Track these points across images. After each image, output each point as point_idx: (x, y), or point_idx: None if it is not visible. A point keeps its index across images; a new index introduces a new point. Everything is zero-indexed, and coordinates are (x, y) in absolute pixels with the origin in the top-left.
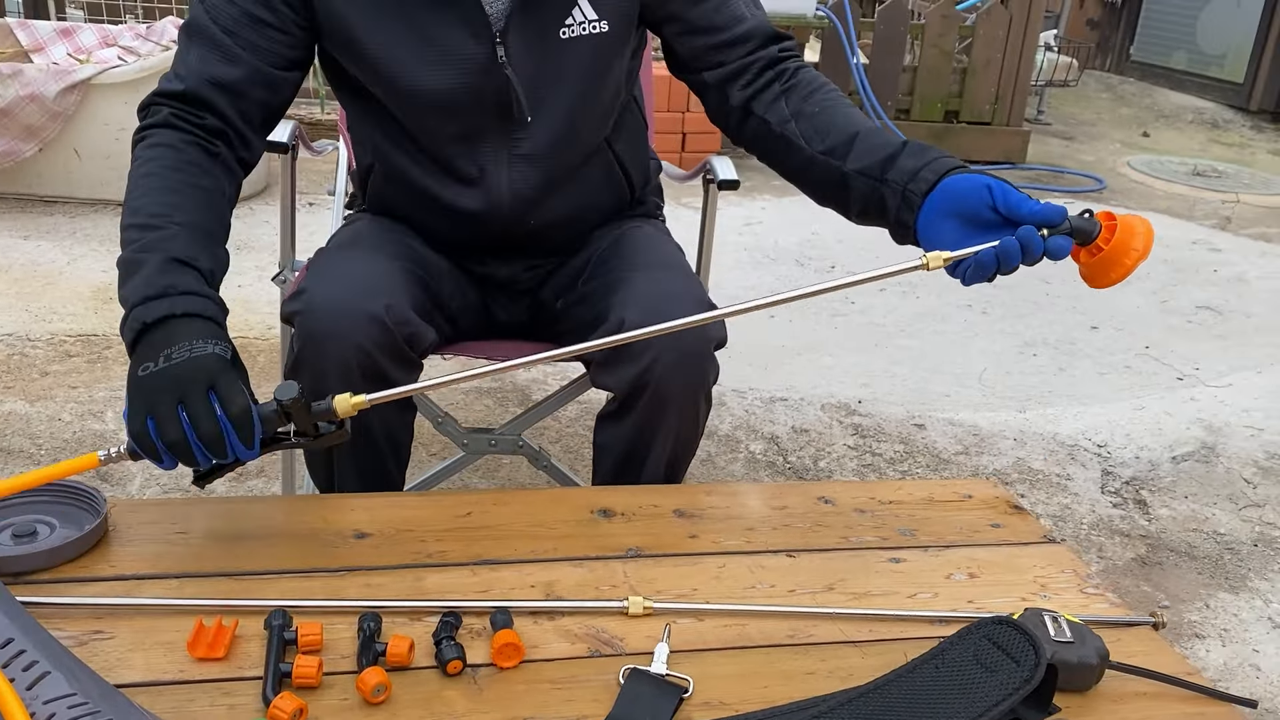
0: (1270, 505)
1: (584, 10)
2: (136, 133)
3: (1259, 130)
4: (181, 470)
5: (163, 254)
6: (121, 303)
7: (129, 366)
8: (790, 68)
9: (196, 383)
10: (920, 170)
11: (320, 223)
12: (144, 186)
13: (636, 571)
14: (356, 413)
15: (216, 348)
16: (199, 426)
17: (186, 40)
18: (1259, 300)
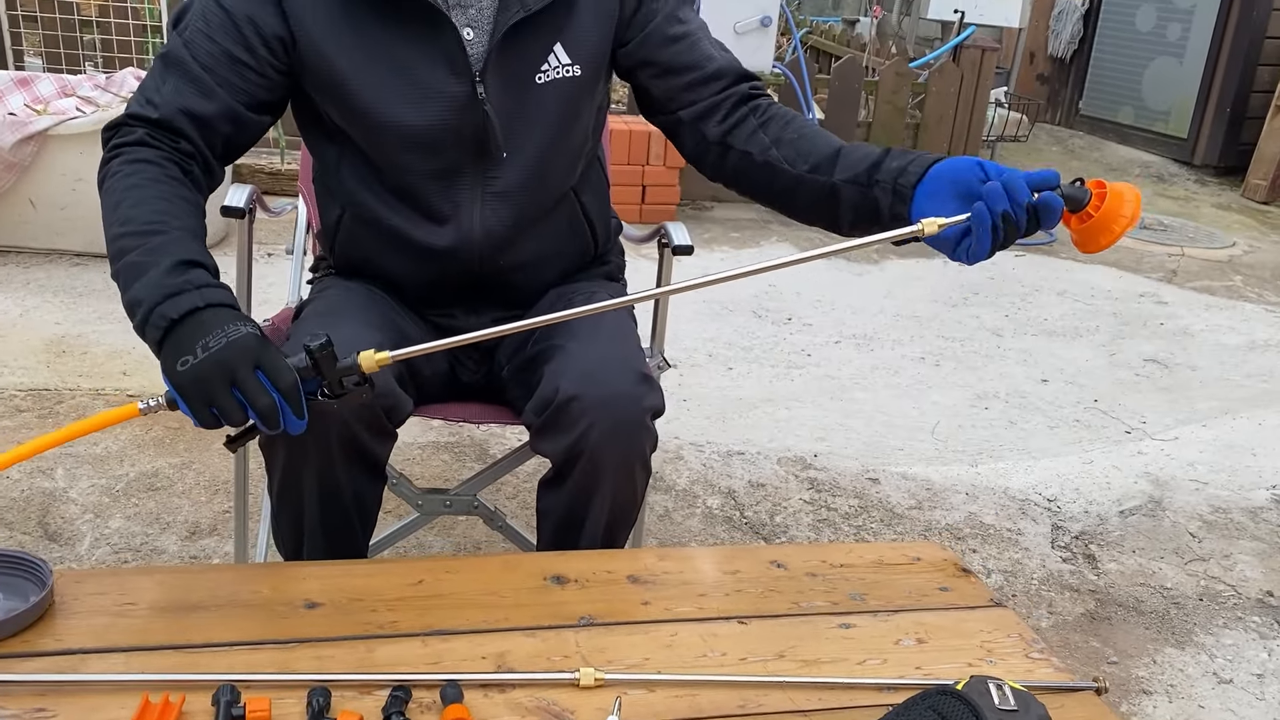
0: (1215, 559)
1: (559, 55)
2: (109, 148)
3: (1203, 184)
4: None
5: (171, 256)
6: (130, 306)
7: (161, 364)
8: (763, 103)
9: (244, 364)
10: (907, 166)
11: (279, 274)
12: (133, 197)
13: (589, 641)
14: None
15: (249, 328)
16: (256, 403)
17: (163, 70)
18: (1203, 353)
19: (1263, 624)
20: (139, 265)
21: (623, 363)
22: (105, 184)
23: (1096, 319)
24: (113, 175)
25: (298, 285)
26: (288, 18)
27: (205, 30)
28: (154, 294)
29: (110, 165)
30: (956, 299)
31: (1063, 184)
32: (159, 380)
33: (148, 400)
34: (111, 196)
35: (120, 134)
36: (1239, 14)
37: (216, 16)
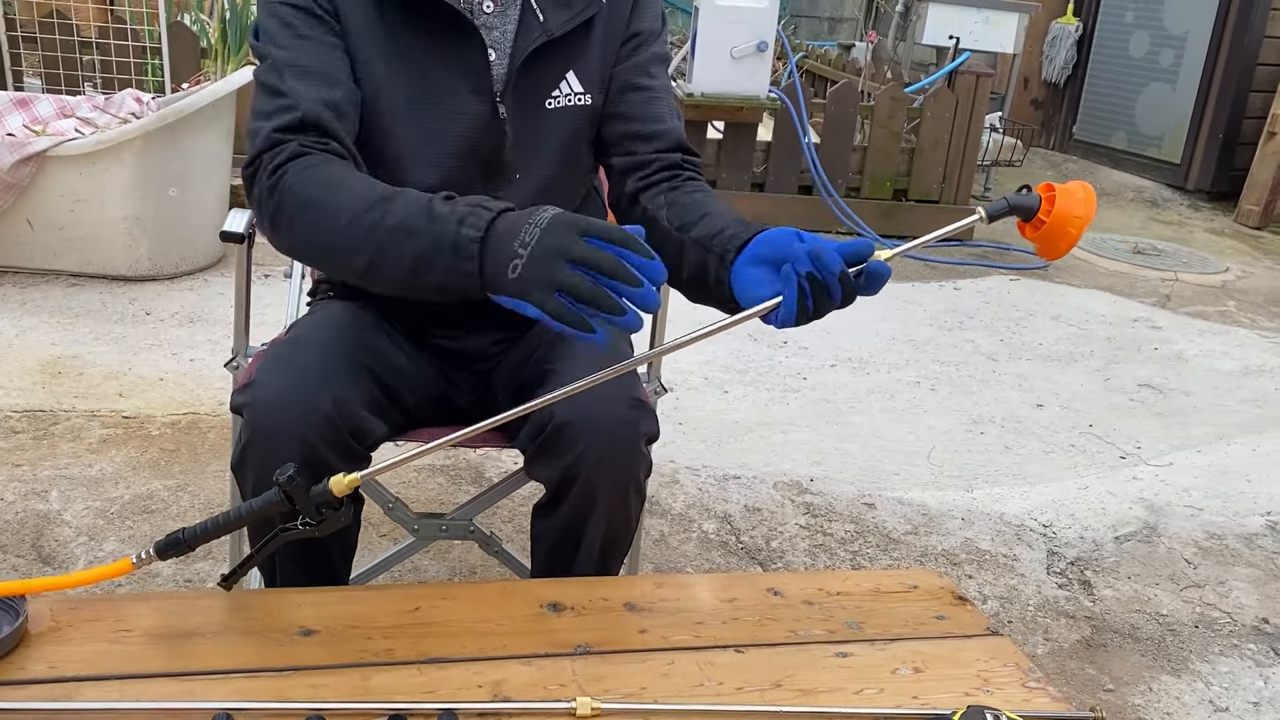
0: (1210, 586)
1: (571, 83)
2: (270, 172)
3: (1196, 209)
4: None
5: (426, 200)
6: (427, 256)
7: (490, 287)
8: (685, 175)
9: (569, 236)
10: (739, 233)
11: (276, 295)
12: (344, 185)
13: (585, 669)
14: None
15: (549, 209)
16: (602, 266)
17: (278, 77)
18: (1197, 379)
19: (1259, 652)
20: (404, 225)
21: (617, 388)
22: (291, 202)
23: (1091, 344)
24: (294, 189)
25: (295, 308)
26: (338, 8)
27: (294, 31)
28: (446, 228)
29: (284, 182)
30: (952, 323)
31: (1009, 195)
32: (155, 402)
33: (139, 554)
34: (315, 204)
35: (273, 158)
36: (1231, 40)
37: (293, 15)
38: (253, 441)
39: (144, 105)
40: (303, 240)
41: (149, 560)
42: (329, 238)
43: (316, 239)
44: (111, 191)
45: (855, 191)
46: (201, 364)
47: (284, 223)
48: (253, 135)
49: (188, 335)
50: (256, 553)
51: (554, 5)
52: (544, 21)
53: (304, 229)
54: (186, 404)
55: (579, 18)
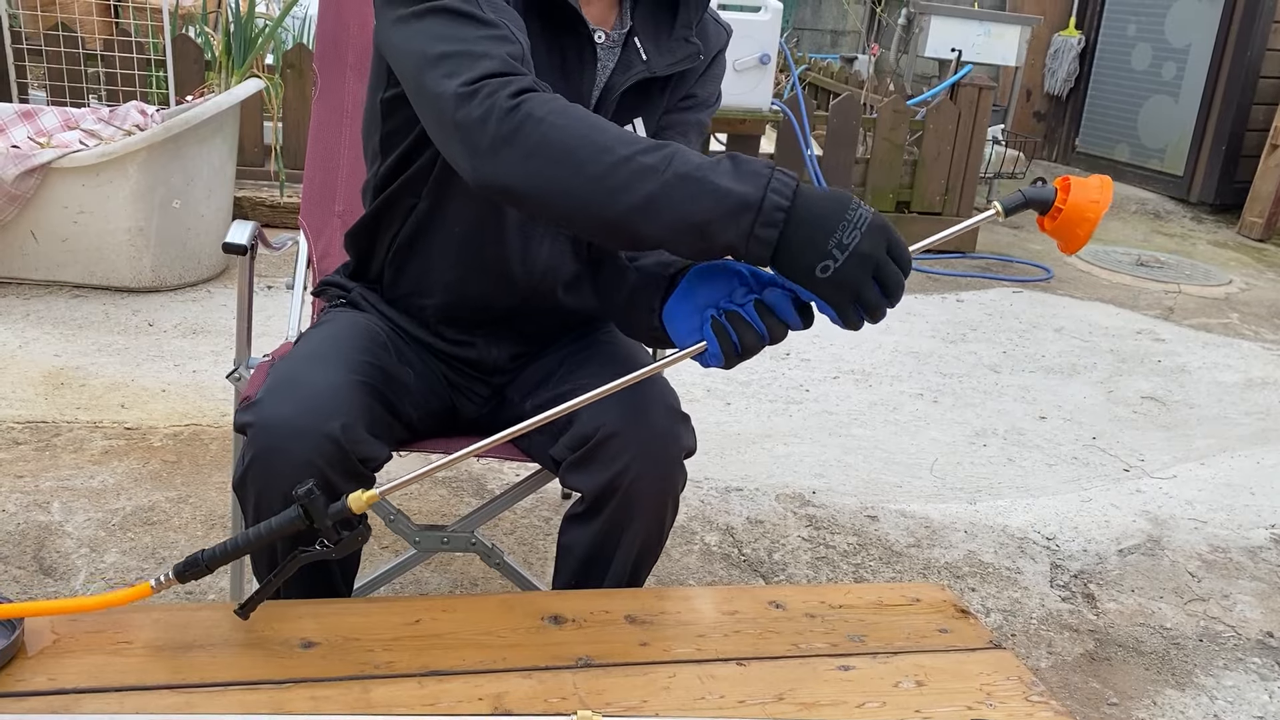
0: (1214, 599)
1: (637, 128)
2: (511, 94)
3: (1199, 221)
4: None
5: (707, 157)
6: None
7: (788, 268)
8: None
9: (881, 253)
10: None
11: (278, 306)
12: (600, 127)
13: (586, 682)
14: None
15: (858, 203)
16: (894, 292)
17: (477, 5)
18: (1201, 391)
19: (1263, 665)
20: (695, 176)
21: (662, 401)
22: (535, 130)
23: (1094, 356)
24: (543, 120)
25: (297, 320)
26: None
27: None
28: (753, 191)
29: (525, 109)
30: (955, 335)
31: (1024, 189)
32: (157, 414)
33: (158, 578)
34: (568, 134)
35: (510, 82)
36: (1233, 53)
37: None
38: (256, 462)
39: (148, 117)
40: (543, 173)
41: (168, 584)
42: (589, 171)
43: (566, 172)
44: (115, 203)
45: None
46: (204, 375)
47: (519, 150)
48: (469, 56)
49: (190, 346)
50: (275, 576)
51: (659, 50)
52: (647, 61)
53: (553, 161)
54: (189, 415)
55: (681, 65)
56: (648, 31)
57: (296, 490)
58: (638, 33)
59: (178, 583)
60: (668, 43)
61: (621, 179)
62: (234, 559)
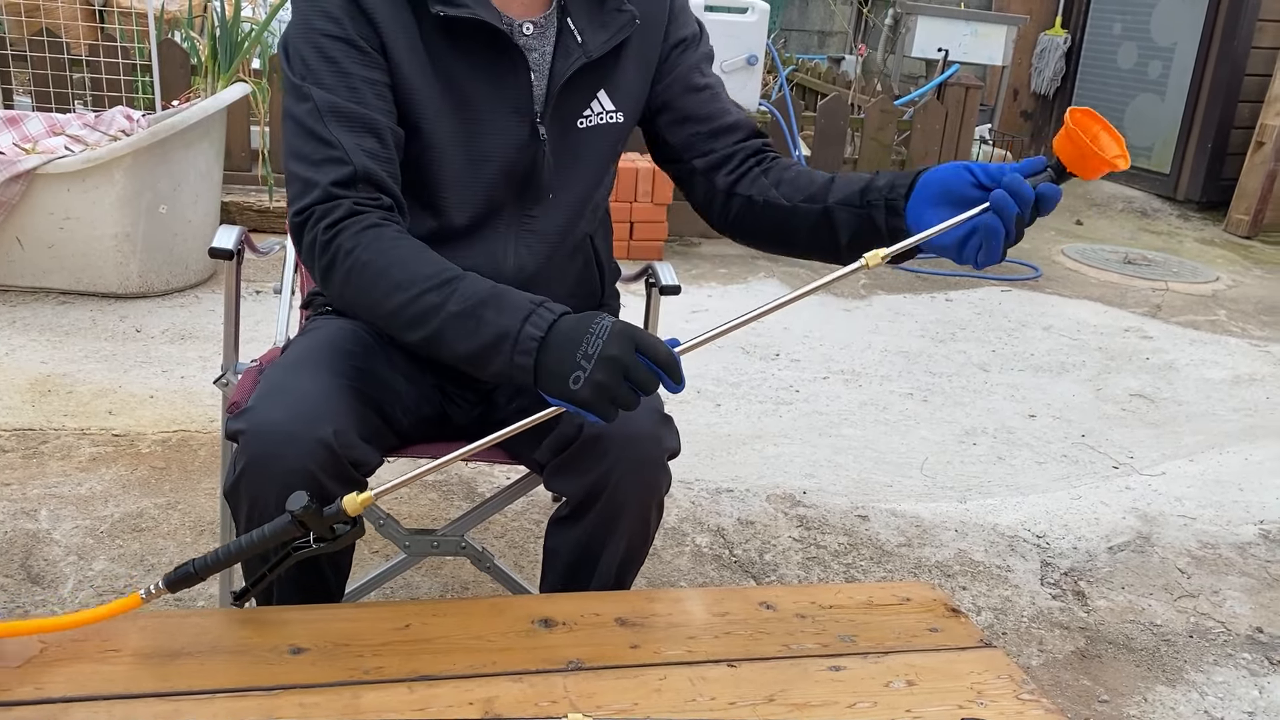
0: (1204, 595)
1: (602, 102)
2: (327, 229)
3: (1185, 219)
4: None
5: (487, 289)
6: (489, 347)
7: (544, 386)
8: (769, 155)
9: (629, 355)
10: (894, 181)
11: (267, 311)
12: (399, 260)
13: (577, 685)
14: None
15: (605, 318)
16: (647, 387)
17: (320, 123)
18: (1189, 388)
19: (1253, 661)
20: (466, 312)
21: (646, 403)
22: (345, 262)
23: (1082, 354)
24: (351, 252)
25: (285, 324)
26: (381, 33)
27: (333, 67)
28: (512, 323)
29: (337, 244)
30: (944, 335)
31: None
32: (145, 420)
33: (148, 588)
34: (369, 270)
35: (328, 212)
36: (1218, 51)
37: (334, 47)
38: (249, 469)
39: (134, 122)
40: (355, 302)
41: (159, 594)
42: (386, 306)
43: (371, 306)
44: (101, 209)
45: None
46: (192, 381)
47: (337, 281)
48: (302, 183)
49: (178, 352)
50: (270, 570)
51: (592, 26)
52: (583, 43)
53: (359, 293)
54: (177, 421)
55: (617, 38)
56: (580, 7)
57: (291, 505)
58: (570, 11)
59: (168, 592)
60: (601, 16)
61: (410, 315)
62: (226, 566)
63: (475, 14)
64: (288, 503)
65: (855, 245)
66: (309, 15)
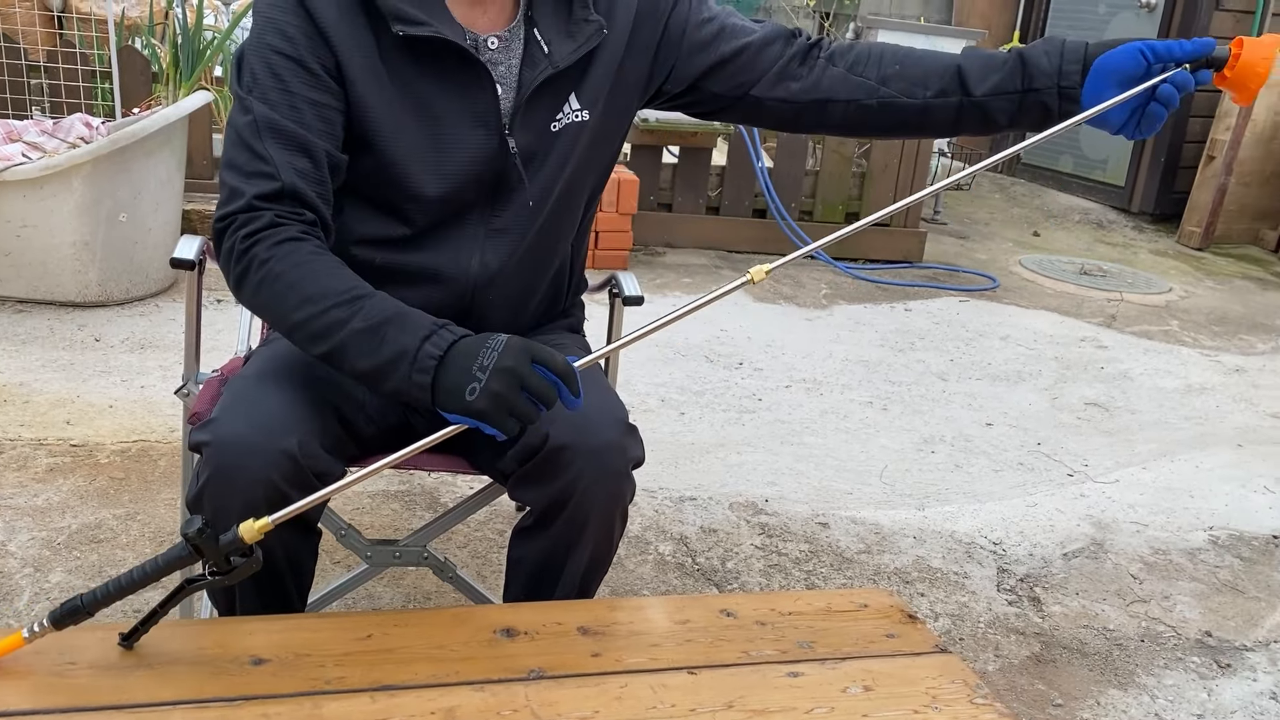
0: (1155, 600)
1: (571, 103)
2: (245, 239)
3: (1140, 230)
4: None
5: (393, 308)
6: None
7: (442, 403)
8: (825, 46)
9: (525, 365)
10: (1062, 66)
11: (228, 320)
12: (309, 274)
13: (538, 694)
14: (263, 536)
15: (503, 334)
16: (545, 398)
17: (257, 136)
18: (1143, 397)
19: (1202, 664)
20: (369, 329)
21: (610, 413)
22: (258, 271)
23: (1039, 363)
24: (266, 262)
25: (247, 334)
26: (336, 53)
27: (279, 84)
28: (412, 341)
29: (253, 253)
30: (903, 344)
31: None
32: (104, 430)
33: (31, 627)
34: (281, 281)
35: (248, 221)
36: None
37: (284, 65)
38: (213, 480)
39: (94, 130)
40: (263, 310)
41: (43, 633)
42: (293, 318)
43: (279, 317)
44: (60, 217)
45: (808, 215)
46: (152, 390)
47: (248, 289)
48: (229, 190)
49: (138, 362)
50: (161, 607)
51: (559, 37)
52: (549, 54)
53: (268, 302)
54: (137, 431)
55: (584, 48)
56: (548, 18)
57: (184, 529)
58: (538, 22)
59: (54, 630)
60: (568, 25)
61: (315, 329)
62: (117, 599)
63: (438, 32)
64: (181, 526)
65: (1016, 124)
66: (265, 30)
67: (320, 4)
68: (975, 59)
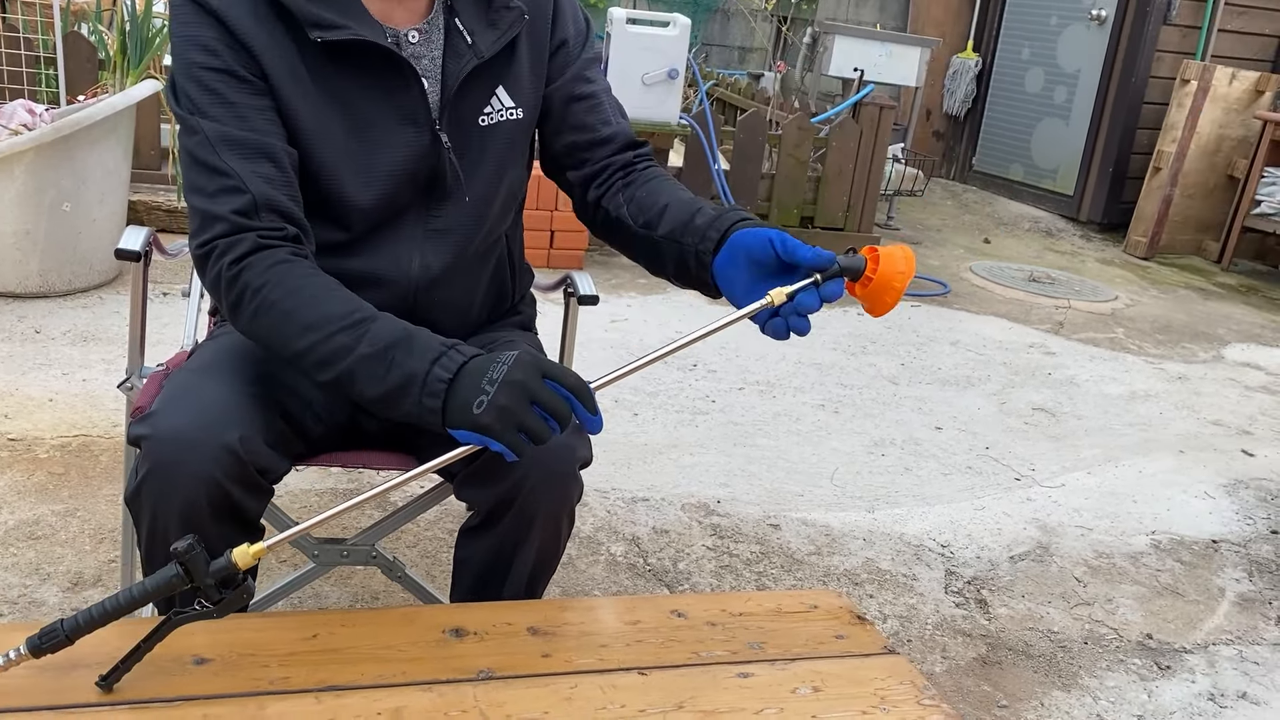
0: (1099, 603)
1: (501, 99)
2: (231, 265)
3: (1088, 239)
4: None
5: (400, 331)
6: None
7: (451, 421)
8: (639, 168)
9: (535, 378)
10: (707, 230)
11: (174, 314)
12: (305, 299)
13: (487, 695)
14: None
15: (513, 349)
16: (558, 413)
17: (213, 154)
18: (1089, 402)
19: (1143, 666)
20: (377, 355)
21: None
22: (252, 301)
23: (988, 368)
24: (259, 290)
25: (194, 328)
26: (258, 59)
27: (217, 99)
28: (421, 365)
29: (244, 280)
30: (855, 348)
31: (839, 257)
32: (43, 424)
33: (8, 653)
34: (277, 310)
35: (231, 247)
36: (1119, 80)
37: (215, 79)
38: (152, 475)
39: (37, 117)
40: (264, 339)
41: (20, 659)
42: (294, 346)
43: (280, 345)
44: (0, 205)
45: (764, 218)
46: (95, 384)
47: (244, 317)
48: (203, 216)
49: (80, 354)
50: (145, 642)
51: (481, 26)
52: (473, 44)
53: (268, 331)
54: (78, 425)
55: (506, 36)
56: (469, 8)
57: (176, 546)
58: (458, 11)
59: (32, 658)
60: (489, 14)
61: (320, 356)
62: (100, 626)
63: (356, 34)
64: (172, 546)
65: (680, 277)
66: (186, 49)
67: (234, 13)
68: (681, 204)
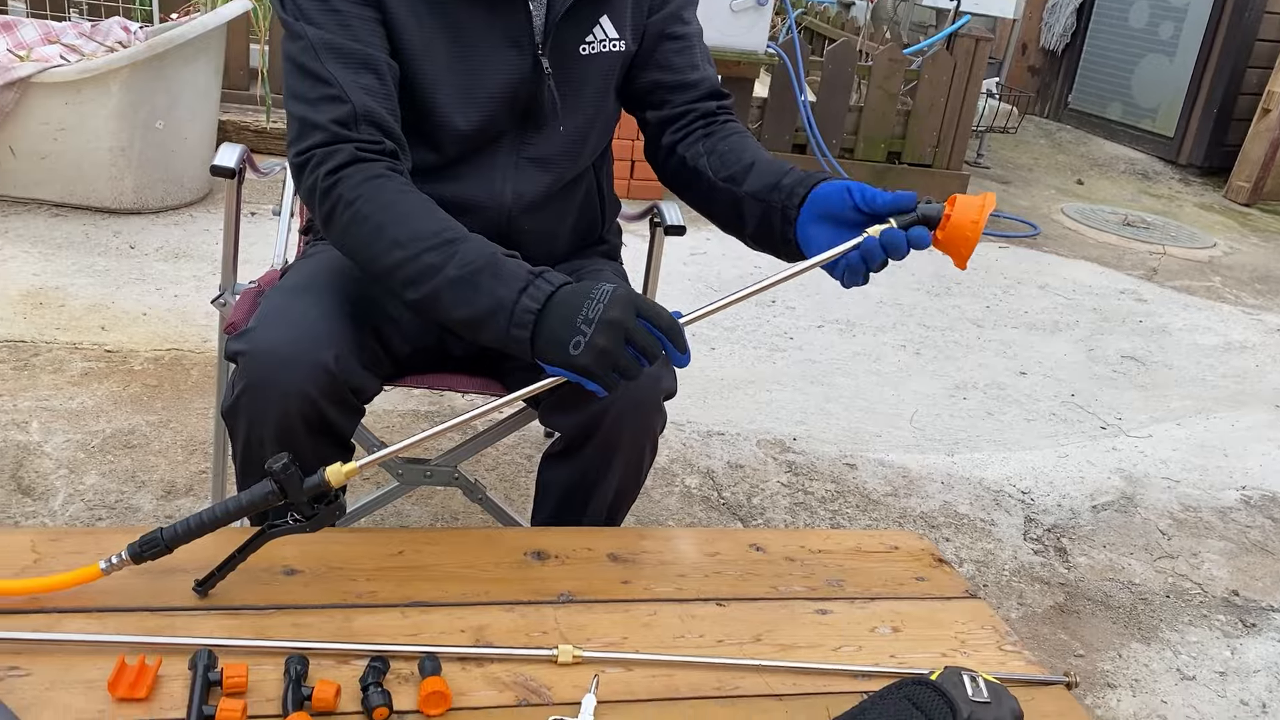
0: (1183, 557)
1: (605, 29)
2: (326, 176)
3: (1186, 183)
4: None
5: (488, 254)
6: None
7: (544, 356)
8: (720, 119)
9: (631, 318)
10: (794, 187)
11: (262, 233)
12: (400, 216)
13: (568, 618)
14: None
15: (606, 284)
16: (649, 351)
17: (317, 60)
18: (1180, 352)
19: (1227, 623)
20: (467, 277)
21: None
22: (345, 212)
23: (1077, 314)
24: (352, 203)
25: (284, 247)
26: None
27: (325, 5)
28: (509, 293)
29: (337, 192)
30: (939, 289)
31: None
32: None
33: (110, 559)
34: (369, 223)
35: (328, 157)
36: (1231, 16)
37: None
38: (249, 390)
39: (132, 34)
40: (352, 252)
41: (122, 564)
42: (383, 262)
43: (369, 260)
44: (96, 121)
45: (849, 152)
46: (186, 300)
47: (336, 229)
48: (300, 123)
49: (172, 270)
50: (239, 553)
51: None
52: None
53: (357, 244)
54: (170, 340)
55: None
56: None
57: (271, 465)
58: None
59: (132, 564)
60: None
61: (408, 274)
62: (198, 536)
63: None
64: (267, 463)
65: (758, 238)
66: None
67: None
68: (768, 163)
